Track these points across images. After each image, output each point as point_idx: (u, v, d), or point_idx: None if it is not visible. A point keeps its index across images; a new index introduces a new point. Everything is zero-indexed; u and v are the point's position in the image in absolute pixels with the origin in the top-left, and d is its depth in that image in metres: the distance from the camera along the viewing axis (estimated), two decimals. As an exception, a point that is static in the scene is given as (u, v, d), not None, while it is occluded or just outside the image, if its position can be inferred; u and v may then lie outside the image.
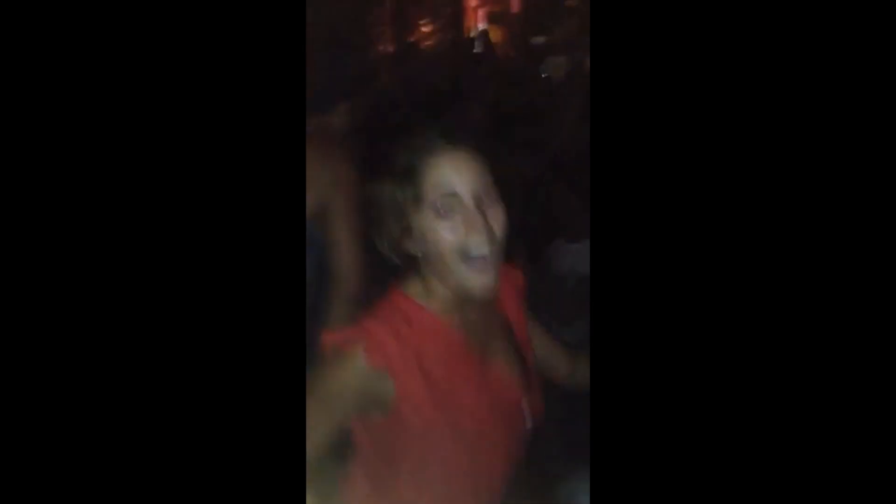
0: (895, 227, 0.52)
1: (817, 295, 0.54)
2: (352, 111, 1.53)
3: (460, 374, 0.96)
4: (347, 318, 1.35)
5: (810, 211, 0.54)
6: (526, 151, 2.70)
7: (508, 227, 0.94)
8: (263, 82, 0.60)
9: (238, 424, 0.57)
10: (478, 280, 0.92)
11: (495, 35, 6.89)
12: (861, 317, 0.53)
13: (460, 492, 0.96)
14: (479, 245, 0.91)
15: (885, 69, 0.52)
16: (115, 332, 0.55)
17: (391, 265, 0.98)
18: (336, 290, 1.38)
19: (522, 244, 1.04)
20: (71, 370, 0.54)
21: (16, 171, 0.53)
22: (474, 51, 5.92)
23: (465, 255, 0.91)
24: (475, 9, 8.37)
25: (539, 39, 5.42)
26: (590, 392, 0.61)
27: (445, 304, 0.97)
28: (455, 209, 0.91)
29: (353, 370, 0.89)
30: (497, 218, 0.93)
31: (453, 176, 0.91)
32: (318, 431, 0.86)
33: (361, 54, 1.57)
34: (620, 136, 0.59)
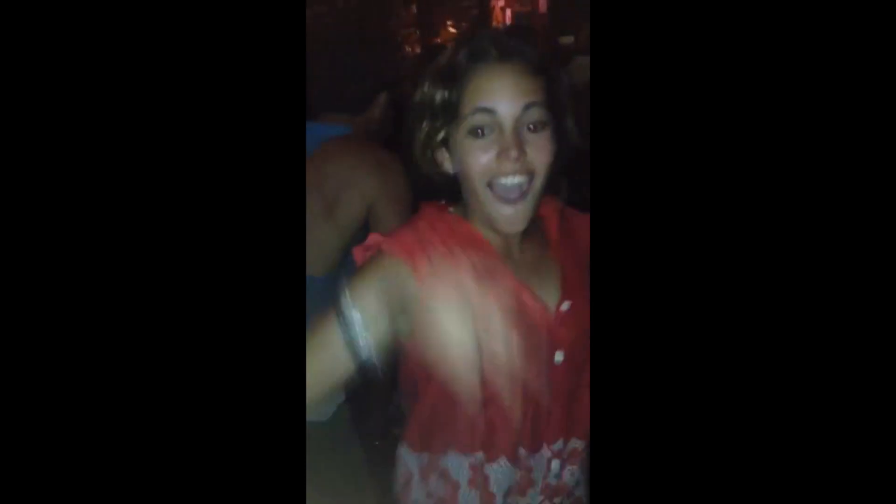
0: (895, 227, 0.52)
1: (818, 294, 0.53)
2: (391, 105, 1.49)
3: (491, 290, 0.85)
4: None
5: (811, 212, 0.54)
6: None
7: (554, 162, 0.84)
8: (263, 85, 0.59)
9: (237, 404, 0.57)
10: (504, 212, 0.83)
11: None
12: (861, 316, 0.52)
13: (480, 422, 0.88)
14: (510, 173, 0.82)
15: (885, 69, 0.52)
16: (110, 319, 0.55)
17: (431, 183, 0.90)
18: None
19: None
20: (71, 364, 0.54)
21: (14, 171, 0.53)
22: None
23: (494, 182, 0.83)
24: (502, 9, 8.32)
25: (567, 39, 5.33)
26: (590, 392, 0.59)
27: (493, 233, 0.88)
28: (491, 128, 0.82)
29: (376, 264, 0.83)
30: (540, 148, 0.82)
31: (495, 90, 0.81)
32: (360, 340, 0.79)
33: (392, 53, 1.53)
34: (621, 138, 0.58)
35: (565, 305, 0.90)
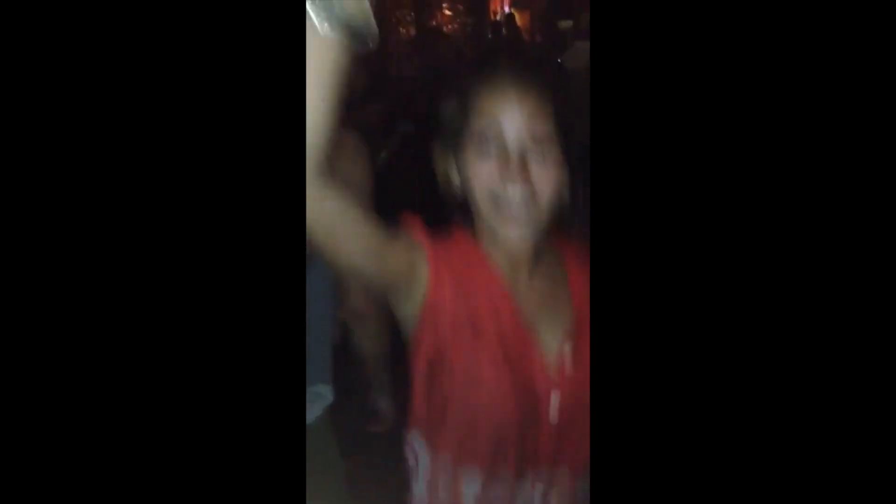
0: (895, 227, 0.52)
1: (819, 294, 0.53)
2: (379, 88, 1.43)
3: (491, 332, 0.85)
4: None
5: (816, 216, 0.53)
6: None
7: (563, 191, 0.84)
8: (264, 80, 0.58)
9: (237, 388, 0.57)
10: (507, 230, 0.83)
11: (521, 19, 6.73)
12: (861, 317, 0.52)
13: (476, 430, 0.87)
14: (513, 197, 0.81)
15: (885, 69, 0.52)
16: (101, 313, 0.54)
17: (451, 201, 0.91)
18: None
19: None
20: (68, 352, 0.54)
21: (11, 171, 0.53)
22: (501, 34, 5.78)
23: (498, 197, 0.82)
24: (500, -9, 8.20)
25: (566, 24, 5.25)
26: (590, 393, 0.59)
27: (500, 255, 0.88)
28: (495, 143, 0.82)
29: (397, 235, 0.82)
30: (545, 175, 0.82)
31: (502, 112, 0.82)
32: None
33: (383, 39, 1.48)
34: (623, 131, 0.57)
35: (567, 347, 0.89)
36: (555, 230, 0.88)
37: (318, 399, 1.41)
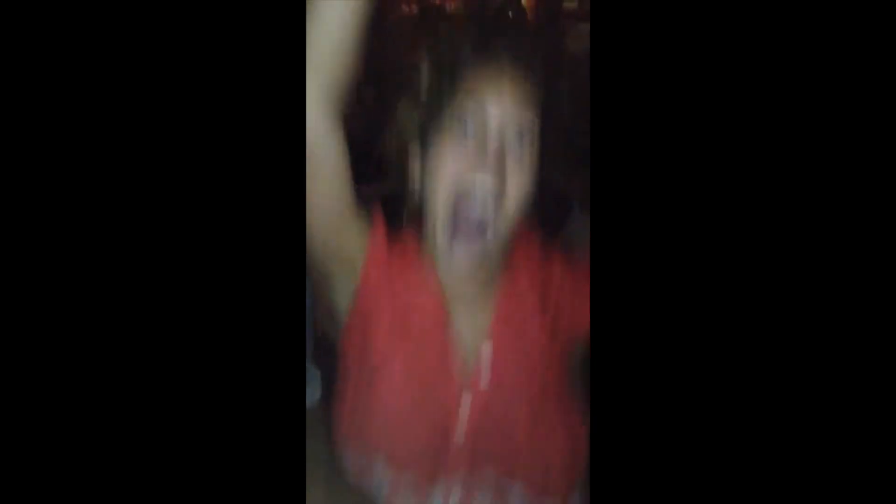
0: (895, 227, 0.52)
1: (821, 294, 0.52)
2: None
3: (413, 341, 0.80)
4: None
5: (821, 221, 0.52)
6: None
7: (531, 199, 0.77)
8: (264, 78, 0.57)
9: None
10: (459, 251, 0.75)
11: (526, -1, 6.63)
12: (862, 316, 0.52)
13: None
14: (482, 195, 0.73)
15: (885, 69, 0.52)
16: (99, 304, 0.55)
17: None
18: None
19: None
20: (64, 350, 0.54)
21: (9, 171, 0.53)
22: (509, 15, 5.69)
23: (462, 191, 0.74)
24: (505, -30, 8.06)
25: (571, 4, 5.18)
26: (590, 391, 0.59)
27: (445, 272, 0.81)
28: (475, 135, 0.74)
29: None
30: (519, 176, 0.75)
31: (490, 96, 0.74)
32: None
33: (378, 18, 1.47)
34: (621, 113, 0.56)
35: (486, 347, 0.82)
36: (515, 236, 0.80)
37: (312, 379, 1.43)
